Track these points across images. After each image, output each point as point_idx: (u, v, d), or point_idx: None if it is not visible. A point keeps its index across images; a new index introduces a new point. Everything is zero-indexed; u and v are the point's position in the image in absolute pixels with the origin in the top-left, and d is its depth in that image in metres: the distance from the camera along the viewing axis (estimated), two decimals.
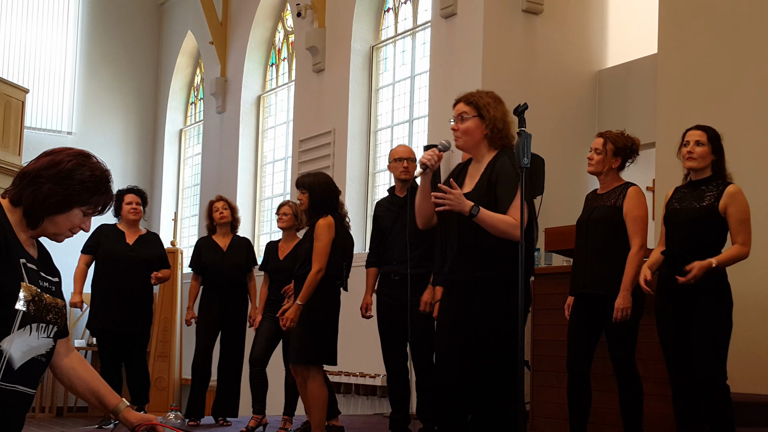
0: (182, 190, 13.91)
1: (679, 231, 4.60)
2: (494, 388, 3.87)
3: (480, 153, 4.02)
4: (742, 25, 6.88)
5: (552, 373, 6.13)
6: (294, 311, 5.38)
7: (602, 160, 4.90)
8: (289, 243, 6.68)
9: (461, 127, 3.98)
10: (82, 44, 13.70)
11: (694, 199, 4.61)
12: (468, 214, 3.76)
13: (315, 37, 10.16)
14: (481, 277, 3.84)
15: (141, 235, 7.06)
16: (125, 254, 6.90)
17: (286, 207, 6.68)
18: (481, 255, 3.85)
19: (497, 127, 3.95)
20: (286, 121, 11.50)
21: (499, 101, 4.02)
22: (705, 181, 4.64)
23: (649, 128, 7.70)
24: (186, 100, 14.10)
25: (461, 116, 3.98)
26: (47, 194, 2.45)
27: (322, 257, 5.39)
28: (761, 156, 6.52)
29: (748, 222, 4.52)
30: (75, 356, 2.73)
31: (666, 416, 5.41)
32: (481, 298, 3.84)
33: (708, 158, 4.62)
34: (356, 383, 8.79)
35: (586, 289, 4.85)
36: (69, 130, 13.54)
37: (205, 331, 6.96)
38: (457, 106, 4.04)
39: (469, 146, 4.01)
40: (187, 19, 13.49)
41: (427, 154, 3.90)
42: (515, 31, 8.22)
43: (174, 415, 6.31)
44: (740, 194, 4.54)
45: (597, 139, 4.97)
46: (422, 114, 9.06)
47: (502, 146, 3.99)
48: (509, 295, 3.76)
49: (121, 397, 2.77)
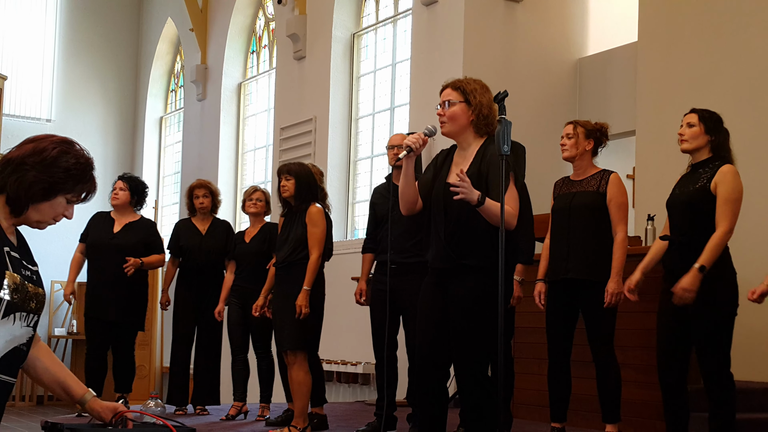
0: (163, 178, 13.85)
1: (678, 215, 4.55)
2: (476, 374, 3.88)
3: (466, 140, 4.01)
4: (721, 14, 6.91)
5: (533, 360, 6.16)
6: (305, 297, 5.41)
7: (575, 144, 4.96)
8: (255, 227, 6.65)
9: (447, 113, 3.97)
10: (61, 31, 13.59)
11: (690, 182, 4.55)
12: (476, 202, 3.74)
13: (296, 25, 10.12)
14: (469, 265, 3.84)
15: (130, 222, 7.01)
16: (106, 242, 6.87)
17: (259, 193, 6.66)
18: (469, 243, 3.85)
19: (483, 113, 3.95)
20: (267, 108, 11.46)
21: (486, 88, 4.02)
22: (703, 163, 4.56)
23: (629, 116, 7.73)
24: (166, 88, 14.02)
25: (447, 101, 3.98)
26: (32, 182, 2.44)
27: (321, 243, 5.48)
28: (742, 143, 6.55)
29: (733, 202, 4.38)
30: (41, 346, 2.70)
31: (646, 403, 5.46)
32: (468, 285, 3.84)
33: (700, 138, 4.54)
34: (338, 371, 8.80)
35: (570, 275, 4.86)
36: (48, 117, 13.44)
37: (184, 317, 6.93)
38: (444, 92, 4.03)
39: (454, 131, 4.00)
40: (167, 5, 13.40)
41: (412, 138, 3.89)
42: (496, 19, 8.22)
43: (154, 402, 6.28)
44: (732, 173, 4.42)
45: (567, 126, 5.06)
46: (403, 102, 9.05)
47: (487, 133, 3.98)
48: (492, 284, 3.76)
49: (87, 388, 2.73)
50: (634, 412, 5.48)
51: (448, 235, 3.89)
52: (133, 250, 6.88)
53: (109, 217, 7.03)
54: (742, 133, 6.59)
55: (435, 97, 8.09)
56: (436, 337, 3.94)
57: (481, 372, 3.88)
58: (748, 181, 5.23)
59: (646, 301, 5.05)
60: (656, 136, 7.18)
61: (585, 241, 4.84)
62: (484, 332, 3.83)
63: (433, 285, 3.98)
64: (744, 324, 4.96)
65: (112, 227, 6.95)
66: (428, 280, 4.04)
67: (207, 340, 6.96)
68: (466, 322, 3.84)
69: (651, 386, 4.89)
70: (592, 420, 5.52)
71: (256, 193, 6.65)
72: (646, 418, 5.45)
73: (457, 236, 3.87)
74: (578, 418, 5.71)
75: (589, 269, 4.81)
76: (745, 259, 5.05)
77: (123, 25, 14.08)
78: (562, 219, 4.98)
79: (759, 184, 6.42)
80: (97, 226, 6.98)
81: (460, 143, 4.06)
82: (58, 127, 13.37)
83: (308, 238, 5.47)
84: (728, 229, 4.37)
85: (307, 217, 5.51)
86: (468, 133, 4.00)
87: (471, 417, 3.90)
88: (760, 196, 6.38)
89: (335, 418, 6.45)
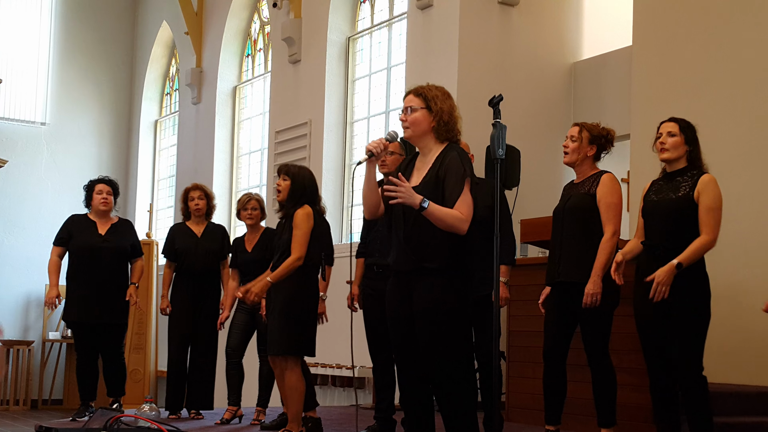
0: (158, 181, 13.84)
1: (658, 222, 4.63)
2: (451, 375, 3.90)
3: (427, 146, 4.08)
4: (716, 18, 6.93)
5: (527, 363, 6.16)
6: (261, 287, 5.36)
7: (578, 148, 4.94)
8: (255, 234, 6.65)
9: (409, 118, 4.06)
10: (56, 34, 13.57)
11: (670, 191, 4.65)
12: (418, 207, 3.82)
13: (291, 28, 10.12)
14: (426, 267, 3.88)
15: (113, 224, 7.00)
16: (98, 245, 6.85)
17: (254, 202, 6.65)
18: (426, 246, 3.90)
19: (443, 120, 4.02)
20: (262, 112, 11.46)
21: (448, 96, 4.09)
22: (680, 172, 4.67)
23: (623, 120, 7.74)
24: (161, 91, 14.02)
25: (410, 107, 4.05)
26: None
27: (301, 246, 5.39)
28: (735, 148, 6.58)
29: (716, 210, 4.53)
30: None
31: (640, 406, 5.46)
32: (429, 288, 3.89)
33: (681, 149, 4.66)
34: (332, 374, 8.79)
35: (561, 278, 4.88)
36: (43, 120, 13.42)
37: (180, 321, 6.91)
38: (406, 98, 4.12)
39: (415, 136, 4.07)
40: (162, 9, 13.40)
41: (374, 143, 4.00)
42: (491, 23, 8.23)
43: (149, 407, 6.27)
44: (713, 183, 4.57)
45: (573, 127, 5.03)
46: (398, 105, 9.04)
47: (448, 140, 4.03)
48: (453, 285, 3.85)
49: None
50: (628, 416, 5.48)
51: (406, 237, 3.96)
52: (123, 252, 6.90)
53: (89, 220, 6.99)
54: (736, 137, 6.61)
55: None
56: (410, 349, 3.98)
57: (457, 373, 3.90)
58: (740, 185, 5.27)
59: None
60: (651, 140, 7.12)
61: (574, 243, 4.87)
62: (450, 334, 3.87)
63: (396, 289, 4.03)
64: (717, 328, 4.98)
65: (96, 230, 6.93)
66: (391, 283, 4.09)
67: (203, 343, 6.93)
68: (430, 326, 3.89)
69: (645, 390, 4.89)
70: (587, 424, 5.52)
71: (251, 202, 6.64)
72: (640, 422, 5.45)
73: (415, 239, 3.94)
74: (573, 421, 5.71)
75: (578, 272, 4.82)
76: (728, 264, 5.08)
77: (118, 28, 14.06)
78: (556, 222, 5.01)
79: (751, 188, 6.44)
80: (81, 230, 6.93)
81: (422, 149, 4.13)
82: (52, 131, 13.37)
83: (292, 241, 5.46)
84: (713, 238, 4.52)
85: (294, 219, 5.49)
86: (429, 138, 4.07)
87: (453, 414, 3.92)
88: (753, 200, 6.40)
89: (330, 422, 6.44)
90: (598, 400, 4.88)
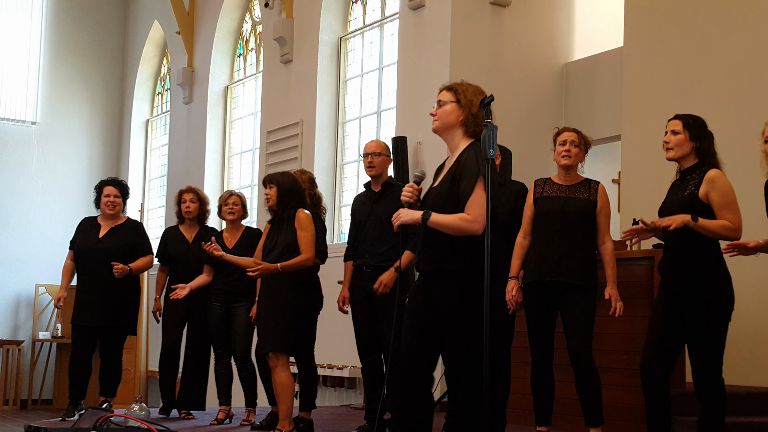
0: (149, 181, 13.82)
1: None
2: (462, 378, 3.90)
3: (453, 140, 4.07)
4: (707, 19, 6.95)
5: (516, 363, 6.16)
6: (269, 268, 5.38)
7: (579, 153, 5.01)
8: (235, 232, 6.61)
9: (438, 111, 4.07)
10: (46, 33, 13.53)
11: (679, 190, 4.60)
12: (421, 222, 3.86)
13: (283, 28, 10.12)
14: (445, 268, 3.88)
15: (116, 225, 6.96)
16: (91, 247, 6.85)
17: (235, 197, 6.63)
18: (443, 248, 3.89)
19: (472, 113, 4.01)
20: (254, 112, 11.45)
21: (480, 91, 4.12)
22: (690, 170, 4.61)
23: (615, 121, 7.76)
24: (152, 91, 13.99)
25: (440, 101, 4.07)
26: None
27: (311, 247, 5.49)
28: (727, 148, 6.57)
29: (730, 204, 4.45)
30: None
31: (630, 406, 5.47)
32: (448, 289, 3.88)
33: (686, 146, 4.58)
34: (324, 375, 8.78)
35: (562, 278, 4.86)
36: (33, 120, 13.38)
37: (172, 325, 6.90)
38: (439, 94, 4.13)
39: (442, 129, 4.07)
40: (154, 8, 13.37)
41: (406, 191, 3.99)
42: (483, 24, 8.24)
43: (138, 407, 6.26)
44: (719, 177, 4.48)
45: (571, 133, 5.04)
46: (390, 105, 9.05)
47: (476, 134, 4.03)
48: (474, 286, 3.81)
49: None
50: (618, 416, 5.49)
51: (424, 239, 3.97)
52: (118, 254, 6.79)
53: (96, 223, 7.01)
54: (727, 137, 6.62)
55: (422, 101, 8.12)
56: (420, 346, 3.98)
57: (475, 374, 3.89)
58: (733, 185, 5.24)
59: (629, 306, 5.08)
60: (642, 140, 7.20)
61: (579, 246, 4.89)
62: (468, 335, 3.85)
63: (421, 290, 4.04)
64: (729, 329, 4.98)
65: (97, 232, 6.92)
66: (417, 283, 4.10)
67: (195, 345, 6.92)
68: (449, 326, 3.88)
69: (636, 390, 4.89)
70: (577, 424, 5.52)
71: (232, 197, 6.62)
72: (630, 422, 5.46)
73: (433, 240, 3.93)
74: (563, 422, 5.71)
75: (581, 274, 4.84)
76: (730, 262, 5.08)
77: (109, 27, 14.03)
78: (553, 222, 4.97)
79: (743, 187, 6.44)
80: (84, 232, 6.96)
81: (449, 144, 4.11)
82: (43, 130, 13.34)
83: (299, 242, 5.48)
84: (737, 226, 4.43)
85: (296, 222, 5.52)
86: (456, 132, 4.05)
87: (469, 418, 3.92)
88: (744, 200, 6.41)
89: (321, 423, 6.44)
90: (583, 401, 4.88)
